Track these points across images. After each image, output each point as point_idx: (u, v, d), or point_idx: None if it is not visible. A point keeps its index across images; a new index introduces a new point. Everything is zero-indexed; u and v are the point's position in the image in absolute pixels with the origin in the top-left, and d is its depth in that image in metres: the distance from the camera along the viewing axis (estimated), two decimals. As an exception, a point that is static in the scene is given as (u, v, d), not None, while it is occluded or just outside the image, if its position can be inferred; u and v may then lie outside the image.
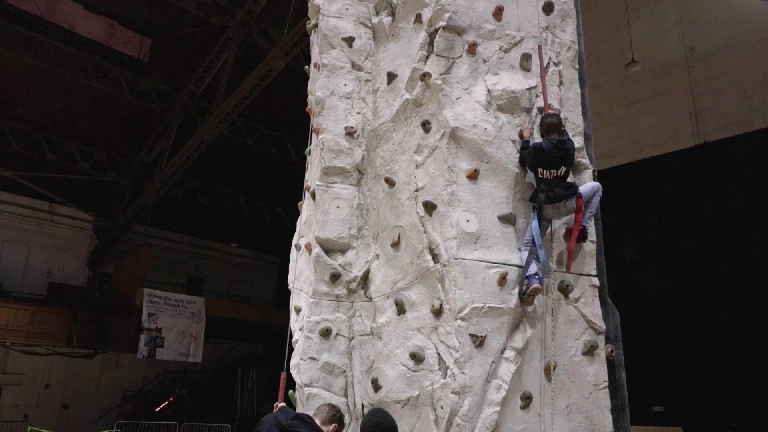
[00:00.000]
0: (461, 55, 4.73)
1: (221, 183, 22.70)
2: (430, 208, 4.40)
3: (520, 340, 4.19)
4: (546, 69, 4.91)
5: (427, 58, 4.78)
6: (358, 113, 5.23)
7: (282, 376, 4.57)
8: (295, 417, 3.43)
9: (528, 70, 4.88)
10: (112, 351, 19.85)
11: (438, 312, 4.17)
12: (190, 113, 17.71)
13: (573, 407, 4.26)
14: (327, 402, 4.16)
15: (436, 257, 4.32)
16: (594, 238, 4.76)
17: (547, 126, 4.46)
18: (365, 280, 4.82)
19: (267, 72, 14.71)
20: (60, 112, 18.36)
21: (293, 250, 5.53)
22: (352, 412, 4.51)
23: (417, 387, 4.15)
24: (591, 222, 4.65)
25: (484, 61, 4.79)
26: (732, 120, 12.60)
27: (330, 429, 3.52)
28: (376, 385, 4.34)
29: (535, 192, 4.42)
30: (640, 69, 13.32)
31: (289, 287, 5.38)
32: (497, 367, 4.07)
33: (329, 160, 5.01)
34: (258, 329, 22.06)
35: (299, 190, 5.55)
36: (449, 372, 3.97)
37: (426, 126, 4.63)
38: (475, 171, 4.40)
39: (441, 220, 4.34)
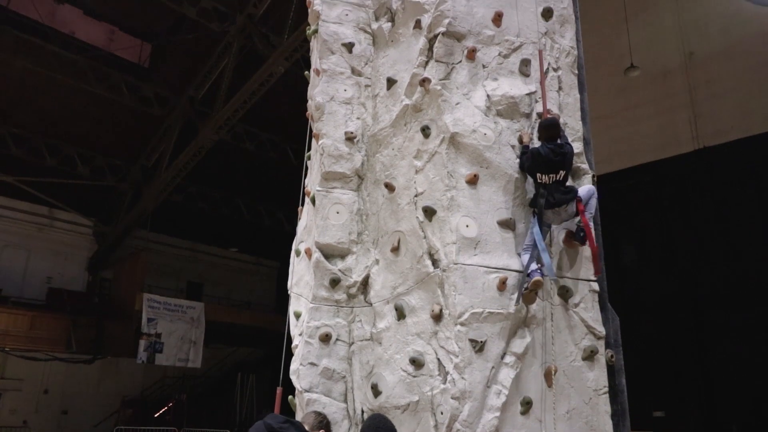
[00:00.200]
0: (461, 61, 4.75)
1: (221, 188, 22.70)
2: (429, 213, 4.40)
3: (519, 345, 4.19)
4: (545, 74, 4.93)
5: (427, 63, 4.80)
6: (357, 118, 5.24)
7: (278, 390, 4.57)
8: (285, 421, 3.49)
9: (527, 75, 4.89)
10: (111, 356, 19.80)
11: (438, 317, 4.17)
12: (190, 118, 17.73)
13: (573, 412, 4.26)
14: (325, 407, 4.17)
15: (435, 262, 4.32)
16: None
17: (544, 131, 4.47)
18: (365, 285, 4.82)
19: (267, 77, 14.72)
20: (60, 117, 18.38)
21: (293, 255, 5.53)
22: (351, 417, 4.50)
23: (417, 392, 4.14)
24: (591, 225, 4.65)
25: (483, 67, 4.81)
26: (731, 125, 12.61)
27: None
28: (375, 391, 4.33)
29: (535, 197, 4.43)
30: (639, 74, 13.35)
31: (289, 292, 5.38)
32: (497, 373, 4.07)
33: (329, 165, 5.02)
34: (257, 334, 21.99)
35: (299, 195, 5.56)
36: (449, 377, 3.97)
37: (425, 131, 4.64)
38: (475, 176, 4.41)
39: (441, 225, 4.34)
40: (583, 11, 5.67)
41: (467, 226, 4.29)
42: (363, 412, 4.44)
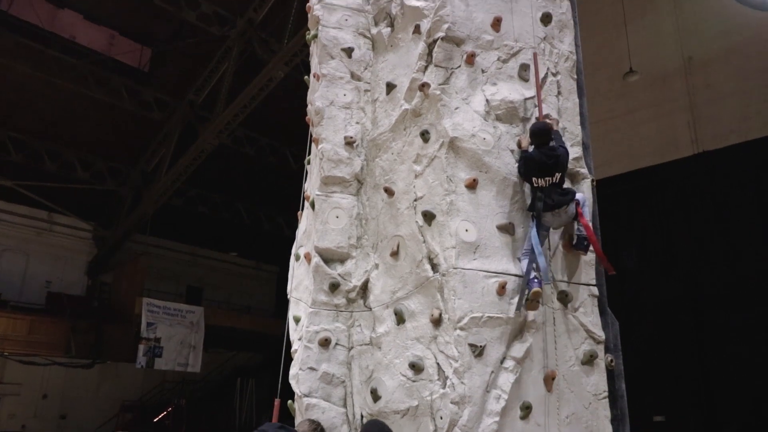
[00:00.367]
0: (460, 66, 4.76)
1: (221, 192, 22.71)
2: (429, 217, 4.41)
3: (519, 349, 4.18)
4: (544, 79, 4.94)
5: (426, 68, 4.81)
6: (357, 123, 5.25)
7: (275, 402, 4.57)
8: (281, 427, 3.51)
9: (526, 80, 4.91)
10: (110, 361, 19.76)
11: (437, 322, 4.17)
12: (190, 122, 17.76)
13: (573, 417, 4.25)
14: (324, 412, 4.17)
15: (435, 267, 4.32)
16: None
17: (534, 137, 4.47)
18: (364, 289, 4.82)
19: (267, 82, 14.76)
20: (60, 121, 18.40)
21: (292, 259, 5.53)
22: (351, 422, 4.50)
23: (416, 397, 4.14)
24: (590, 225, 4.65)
25: (482, 72, 4.82)
26: (730, 129, 12.62)
27: None
28: (375, 396, 4.33)
29: (533, 201, 4.43)
30: (638, 78, 13.37)
31: (289, 296, 5.38)
32: (497, 377, 4.06)
33: (328, 169, 5.03)
34: (257, 339, 21.97)
35: (299, 199, 5.56)
36: (448, 382, 3.96)
37: (425, 136, 4.65)
38: (474, 181, 4.41)
39: (440, 229, 4.35)
40: (582, 16, 5.68)
41: (467, 230, 4.29)
42: (362, 416, 4.43)
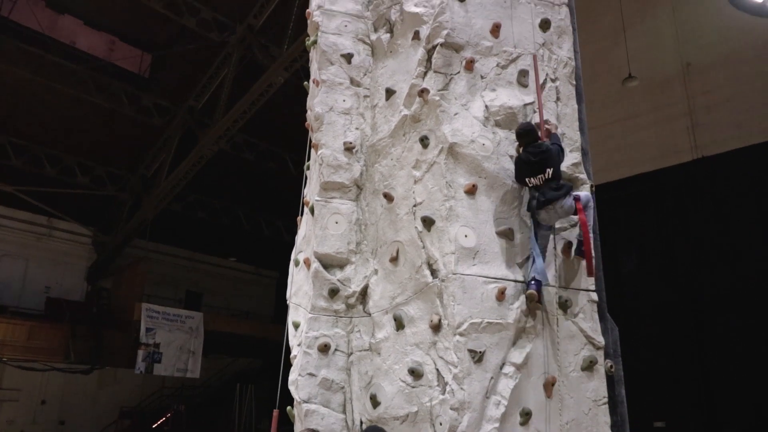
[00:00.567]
0: (459, 72, 4.77)
1: (220, 197, 22.71)
2: (428, 223, 4.41)
3: (519, 355, 4.18)
4: (543, 84, 4.95)
5: (425, 74, 4.83)
6: (356, 129, 5.26)
7: (274, 413, 4.56)
8: None
9: (525, 86, 4.92)
10: (109, 366, 19.72)
11: (437, 327, 4.16)
12: (189, 128, 17.78)
13: (572, 423, 4.24)
14: (324, 418, 4.16)
15: (434, 272, 4.33)
16: (592, 253, 4.76)
17: (520, 138, 4.52)
18: (364, 295, 4.82)
19: (266, 87, 14.77)
20: (60, 126, 18.43)
21: (292, 265, 5.53)
22: (350, 428, 4.49)
23: (416, 403, 4.13)
24: (590, 223, 4.64)
25: (481, 77, 4.84)
26: (729, 135, 12.64)
27: None
28: (374, 401, 4.32)
29: (529, 201, 4.45)
30: (637, 84, 13.40)
31: (288, 302, 5.38)
32: (496, 383, 4.06)
33: (328, 175, 5.03)
34: (256, 344, 21.94)
35: (298, 204, 5.57)
36: (448, 388, 3.96)
37: (424, 141, 4.66)
38: (473, 186, 4.42)
39: (439, 235, 4.35)
40: (581, 22, 5.70)
41: (466, 236, 4.29)
42: (362, 423, 4.42)
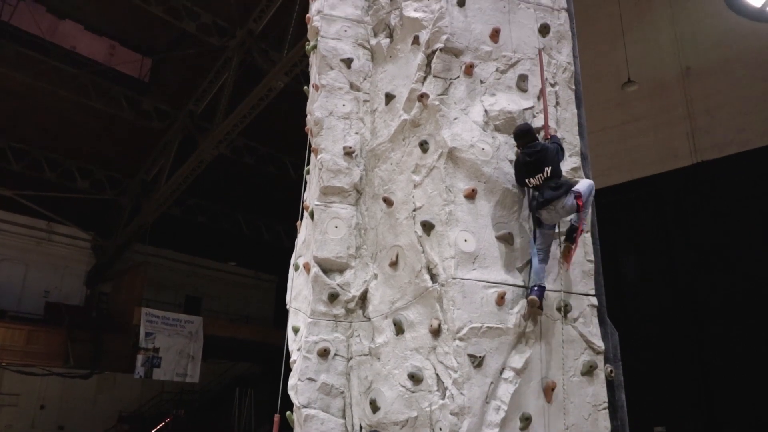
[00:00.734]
0: (458, 76, 4.78)
1: (220, 202, 22.70)
2: (428, 227, 4.41)
3: (518, 360, 4.17)
4: (545, 87, 4.96)
5: (425, 79, 4.83)
6: (356, 133, 5.26)
7: (275, 418, 4.55)
8: None
9: (524, 90, 4.93)
10: (108, 371, 19.67)
11: (436, 332, 4.16)
12: (189, 132, 17.80)
13: (573, 428, 4.23)
14: (323, 423, 4.15)
15: (434, 277, 4.32)
16: (592, 257, 4.76)
17: (517, 139, 4.54)
18: (363, 299, 4.81)
19: (266, 92, 14.80)
20: (60, 131, 18.44)
21: (291, 269, 5.52)
22: (350, 433, 4.48)
23: (415, 408, 4.12)
24: (587, 221, 4.64)
25: (481, 82, 4.85)
26: (728, 139, 12.68)
27: None
28: (374, 406, 4.31)
29: (530, 201, 4.47)
30: (636, 89, 13.43)
31: (288, 307, 5.37)
32: (496, 388, 4.05)
33: (328, 179, 5.04)
34: (256, 349, 21.90)
35: (298, 209, 5.56)
36: (448, 393, 3.95)
37: (424, 146, 4.66)
38: (473, 191, 4.42)
39: (439, 239, 4.35)
40: (580, 27, 5.72)
41: (465, 240, 4.29)
42: (361, 428, 4.41)
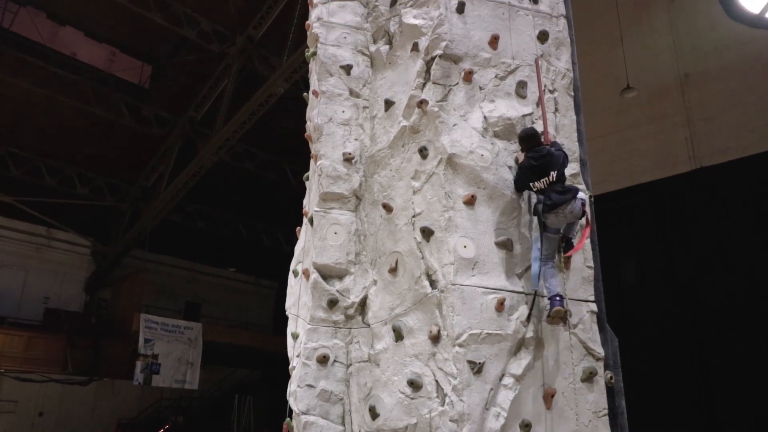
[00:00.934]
0: (458, 83, 4.79)
1: (220, 208, 22.73)
2: (427, 233, 4.41)
3: (518, 366, 4.16)
4: (543, 94, 4.97)
5: (424, 85, 4.84)
6: (355, 140, 5.27)
7: (284, 426, 4.55)
8: None
9: (524, 97, 4.94)
10: (107, 378, 19.63)
11: (436, 338, 4.15)
12: (189, 138, 17.83)
13: (573, 435, 4.21)
14: (322, 430, 4.14)
15: (433, 283, 4.31)
16: (591, 263, 4.76)
17: (523, 142, 4.54)
18: (363, 306, 4.80)
19: (266, 98, 14.84)
20: (60, 137, 18.48)
21: (291, 275, 5.52)
22: (349, 440, 4.46)
23: (415, 415, 4.10)
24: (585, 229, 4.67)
25: (480, 89, 4.86)
26: (728, 145, 12.68)
27: None
28: (373, 413, 4.29)
29: (535, 205, 4.45)
30: (635, 95, 13.46)
31: (287, 313, 5.36)
32: (496, 395, 4.04)
33: (327, 185, 5.04)
34: (255, 355, 21.87)
35: (298, 215, 5.56)
36: (447, 399, 3.94)
37: (423, 152, 4.67)
38: (472, 197, 4.42)
39: (438, 245, 4.35)
40: (579, 34, 5.73)
41: (465, 246, 4.29)
42: (361, 434, 4.40)
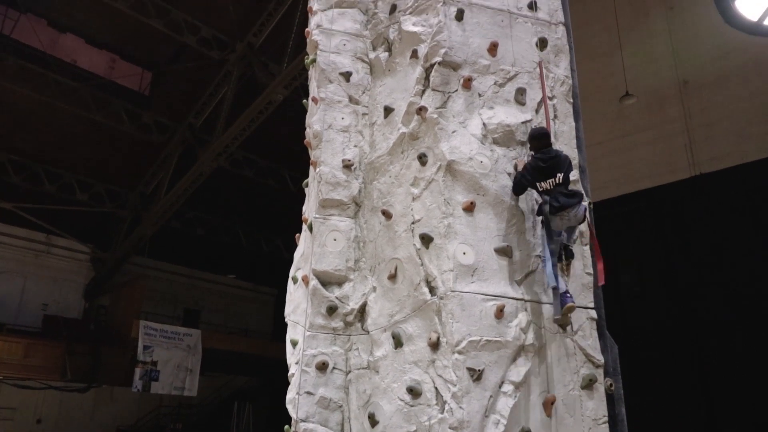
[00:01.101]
0: (457, 90, 4.81)
1: (219, 214, 22.72)
2: (426, 240, 4.41)
3: (518, 373, 4.15)
4: (541, 101, 4.98)
5: (423, 92, 4.86)
6: (355, 146, 5.28)
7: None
8: None
9: (523, 104, 4.96)
10: (106, 385, 19.54)
11: (435, 345, 4.14)
12: (189, 145, 17.85)
13: (572, 442, 4.20)
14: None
15: (433, 290, 4.31)
16: (591, 270, 4.75)
17: (534, 140, 4.57)
18: (362, 312, 4.79)
19: (266, 105, 14.88)
20: (60, 144, 18.49)
21: (290, 282, 5.50)
22: (348, 448, 4.44)
23: (414, 422, 4.09)
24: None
25: (479, 96, 4.87)
26: (726, 152, 12.71)
27: None
28: (372, 421, 4.28)
29: (540, 205, 4.47)
30: (634, 102, 13.49)
31: (286, 320, 5.35)
32: (495, 402, 4.02)
33: (326, 192, 5.04)
34: (254, 362, 21.79)
35: (297, 221, 5.56)
36: (447, 407, 3.92)
37: (422, 159, 4.68)
38: (472, 203, 4.43)
39: (438, 252, 4.34)
40: (578, 41, 5.75)
41: (464, 253, 4.29)
42: (360, 442, 4.38)
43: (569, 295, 4.23)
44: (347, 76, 5.46)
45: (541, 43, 5.21)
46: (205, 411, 23.05)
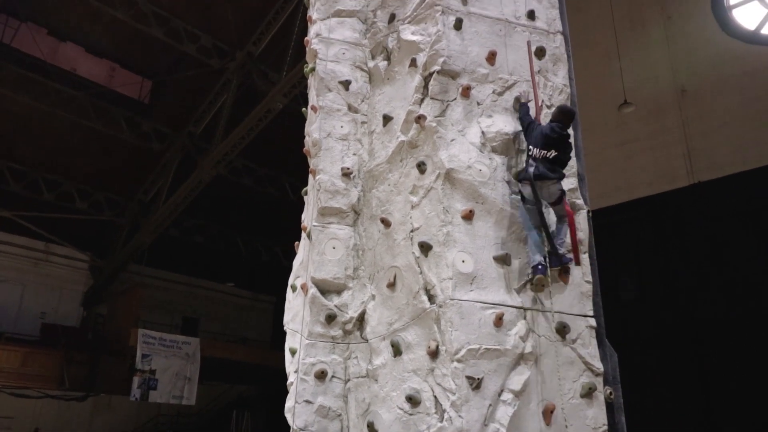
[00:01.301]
0: (455, 98, 4.83)
1: (218, 223, 22.70)
2: (425, 248, 4.41)
3: (517, 382, 4.14)
4: (540, 109, 5.00)
5: (422, 100, 4.88)
6: (354, 154, 5.29)
7: None
8: None
9: (521, 112, 4.96)
10: (104, 393, 19.45)
11: (434, 354, 4.13)
12: (188, 153, 17.86)
13: (572, 451, 4.18)
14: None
15: (431, 298, 4.31)
16: (590, 278, 4.75)
17: (559, 113, 4.64)
18: (361, 321, 4.79)
19: (265, 113, 14.90)
20: (59, 152, 18.51)
21: (289, 290, 5.50)
22: (347, 457, 4.42)
23: (413, 431, 4.07)
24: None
25: (478, 104, 4.89)
26: (725, 160, 12.75)
27: None
28: (371, 429, 4.26)
29: (524, 168, 4.53)
30: (633, 110, 13.54)
31: (285, 328, 5.34)
32: (495, 410, 4.01)
33: (325, 200, 5.05)
34: (253, 370, 21.71)
35: (296, 230, 5.56)
36: (446, 415, 3.91)
37: (421, 167, 4.69)
38: (470, 212, 4.43)
39: (437, 260, 4.34)
40: (576, 50, 5.78)
41: (463, 261, 4.29)
42: (359, 451, 4.36)
43: (540, 267, 4.30)
44: (346, 84, 5.48)
45: (539, 52, 5.23)
46: (204, 419, 22.94)
